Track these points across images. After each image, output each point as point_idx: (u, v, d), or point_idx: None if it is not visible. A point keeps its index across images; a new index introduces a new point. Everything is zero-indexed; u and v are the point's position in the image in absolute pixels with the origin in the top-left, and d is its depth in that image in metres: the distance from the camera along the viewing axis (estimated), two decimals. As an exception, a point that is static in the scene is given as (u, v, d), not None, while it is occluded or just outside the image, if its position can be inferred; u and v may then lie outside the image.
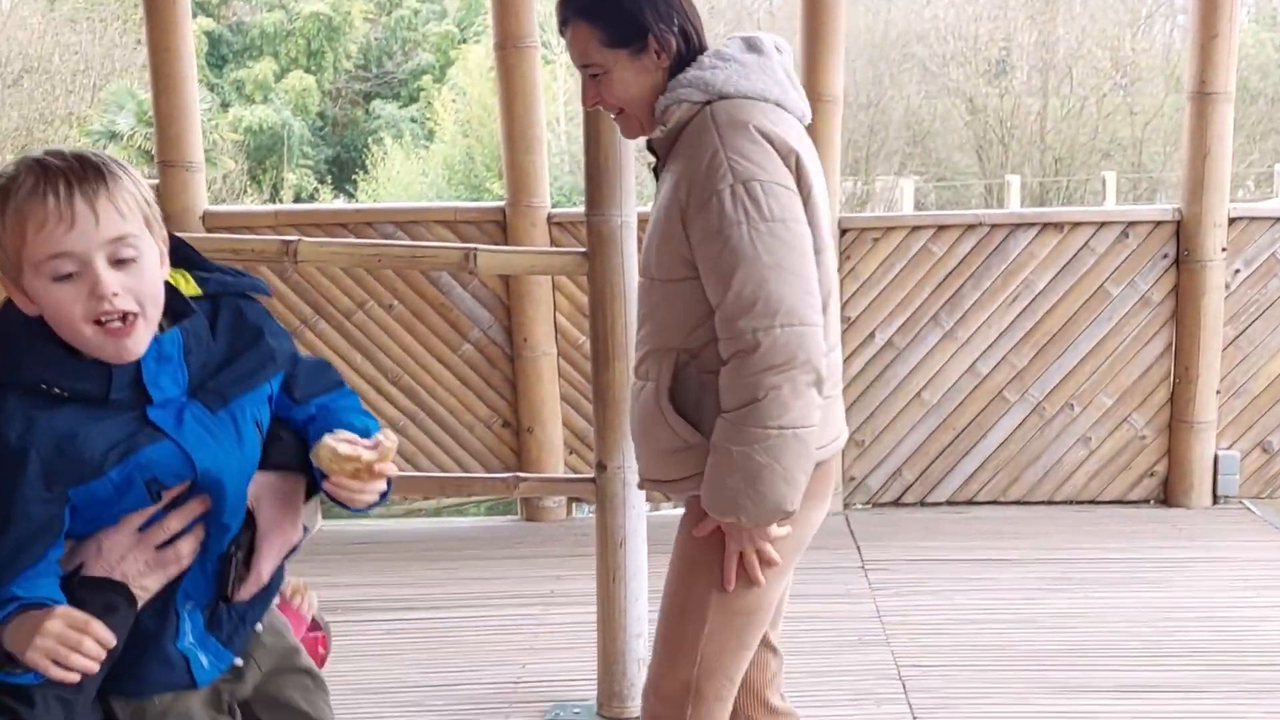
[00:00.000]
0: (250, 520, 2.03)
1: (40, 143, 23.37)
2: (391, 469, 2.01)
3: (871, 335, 5.84)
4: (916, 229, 5.84)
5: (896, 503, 5.98)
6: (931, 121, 26.93)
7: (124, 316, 1.87)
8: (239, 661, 2.10)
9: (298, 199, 25.79)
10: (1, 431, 1.86)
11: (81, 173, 1.84)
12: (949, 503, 5.97)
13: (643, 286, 2.66)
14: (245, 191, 25.44)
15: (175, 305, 1.96)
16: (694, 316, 2.55)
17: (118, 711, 2.01)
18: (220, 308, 2.03)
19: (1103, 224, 5.84)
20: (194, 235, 5.36)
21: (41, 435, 1.86)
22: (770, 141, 2.51)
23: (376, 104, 29.69)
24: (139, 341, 1.89)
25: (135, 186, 1.89)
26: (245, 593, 2.04)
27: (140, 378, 1.91)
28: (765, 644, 2.89)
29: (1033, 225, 5.83)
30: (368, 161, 27.55)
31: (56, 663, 1.80)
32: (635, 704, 4.01)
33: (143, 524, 1.94)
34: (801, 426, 2.48)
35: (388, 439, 2.00)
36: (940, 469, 5.96)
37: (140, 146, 23.77)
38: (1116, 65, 26.75)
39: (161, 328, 1.94)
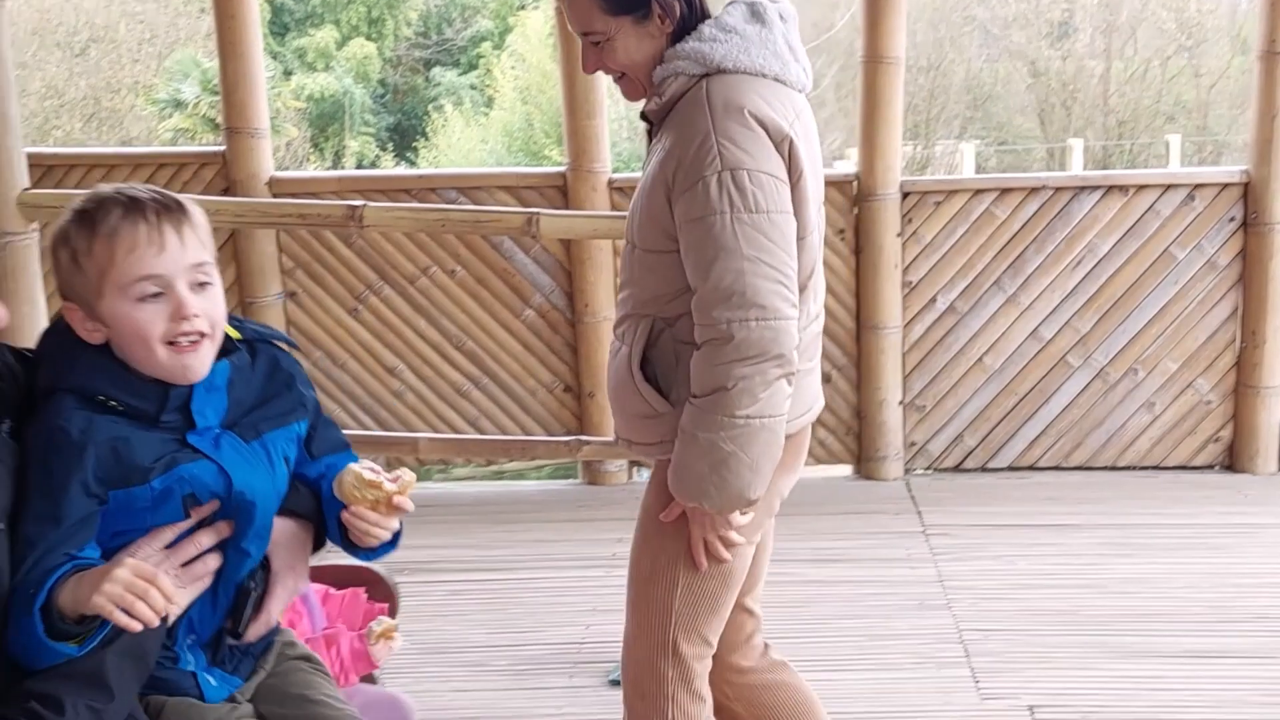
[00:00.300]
0: (265, 562, 2.12)
1: (108, 111, 23.58)
2: (409, 504, 2.08)
3: (933, 300, 5.82)
4: (979, 192, 5.80)
5: (958, 468, 5.97)
6: (993, 85, 26.68)
7: (198, 337, 1.98)
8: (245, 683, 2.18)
9: (359, 166, 25.91)
10: (63, 426, 1.94)
11: (164, 204, 1.97)
12: (1011, 468, 5.95)
13: (626, 251, 2.63)
14: (308, 159, 25.57)
15: (222, 343, 2.07)
16: (673, 288, 2.53)
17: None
18: (257, 352, 2.13)
19: (1168, 186, 5.79)
20: (262, 201, 5.42)
21: (99, 434, 1.94)
22: (765, 127, 2.46)
23: (436, 71, 29.75)
24: (204, 362, 2.01)
25: (205, 222, 2.03)
26: (254, 633, 2.12)
27: (189, 403, 2.01)
28: (741, 606, 2.89)
29: (1097, 188, 5.78)
30: (428, 129, 27.62)
31: (123, 610, 1.84)
32: (698, 665, 4.05)
33: (173, 539, 2.00)
34: (770, 416, 2.48)
35: (406, 474, 2.09)
36: (1002, 434, 5.94)
37: (204, 115, 23.91)
38: (1181, 27, 26.38)
39: None
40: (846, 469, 6.02)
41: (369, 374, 5.94)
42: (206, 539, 2.02)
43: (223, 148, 5.83)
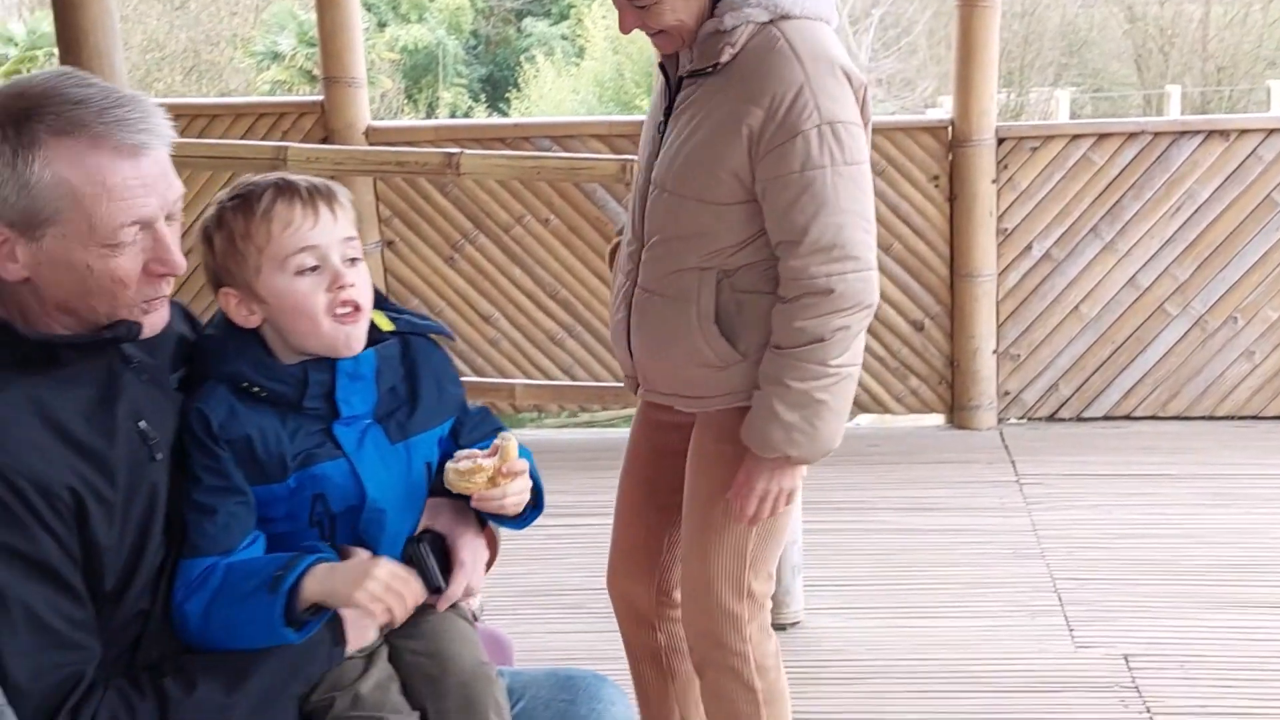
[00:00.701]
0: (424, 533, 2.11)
1: (207, 64, 23.81)
2: (520, 465, 2.06)
3: (1028, 247, 5.77)
4: (1076, 138, 5.74)
5: (1052, 417, 5.93)
6: (1088, 30, 26.25)
7: (353, 308, 2.02)
8: None
9: (452, 117, 26.00)
10: (205, 414, 1.98)
11: (314, 185, 2.03)
12: (1106, 417, 5.90)
13: (660, 200, 2.59)
14: (402, 110, 25.68)
15: (371, 334, 2.08)
16: (739, 238, 2.53)
17: None
18: (409, 344, 2.13)
19: (1271, 131, 5.69)
20: (361, 149, 5.48)
21: (241, 427, 1.98)
22: (848, 77, 2.48)
23: (528, 22, 29.74)
24: (362, 335, 2.03)
25: (351, 203, 2.08)
26: (458, 586, 2.08)
27: (333, 391, 2.02)
28: None
29: (1197, 133, 5.69)
30: (520, 79, 27.64)
31: (383, 607, 1.94)
32: (790, 610, 4.08)
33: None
34: (856, 365, 2.56)
35: (503, 439, 2.06)
36: (1098, 383, 5.89)
37: (301, 67, 24.08)
38: (1285, -31, 25.84)
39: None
40: (939, 418, 6.01)
41: (465, 322, 5.99)
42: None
43: (320, 98, 5.90)
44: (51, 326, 1.88)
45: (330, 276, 2.00)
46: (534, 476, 2.14)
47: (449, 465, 2.05)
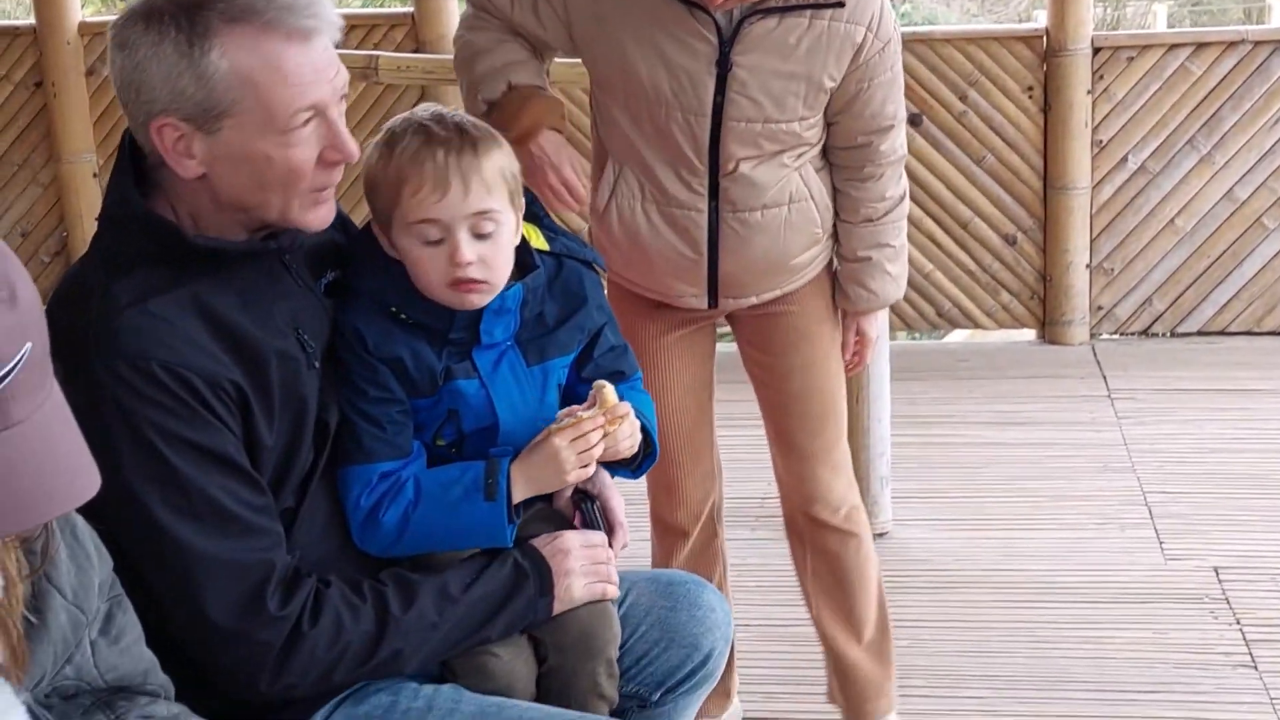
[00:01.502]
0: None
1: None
2: (622, 409, 2.08)
3: (1124, 159, 5.68)
4: (1174, 47, 5.63)
5: (1145, 333, 5.86)
6: (1190, -58, 25.70)
7: (473, 283, 2.01)
8: None
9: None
10: (361, 333, 2.02)
11: (460, 144, 1.98)
12: (1200, 333, 5.82)
13: (747, 130, 2.69)
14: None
15: (523, 258, 2.08)
16: (818, 136, 2.79)
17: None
18: (562, 267, 2.14)
19: (1375, 41, 5.56)
20: (450, 58, 5.46)
21: (394, 348, 2.02)
22: None
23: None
24: (484, 299, 2.04)
25: (505, 159, 2.03)
26: (620, 542, 2.18)
27: (478, 322, 2.05)
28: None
29: (1299, 43, 5.57)
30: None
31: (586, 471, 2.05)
32: (879, 521, 4.08)
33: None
34: None
35: (598, 387, 2.08)
36: (1192, 298, 5.81)
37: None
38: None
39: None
40: (1030, 334, 5.96)
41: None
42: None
43: (411, 9, 5.89)
44: (223, 227, 1.89)
45: (450, 250, 1.99)
46: (646, 422, 2.16)
47: (550, 428, 2.06)
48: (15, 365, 1.23)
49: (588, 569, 2.06)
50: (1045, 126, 5.65)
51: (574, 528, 2.15)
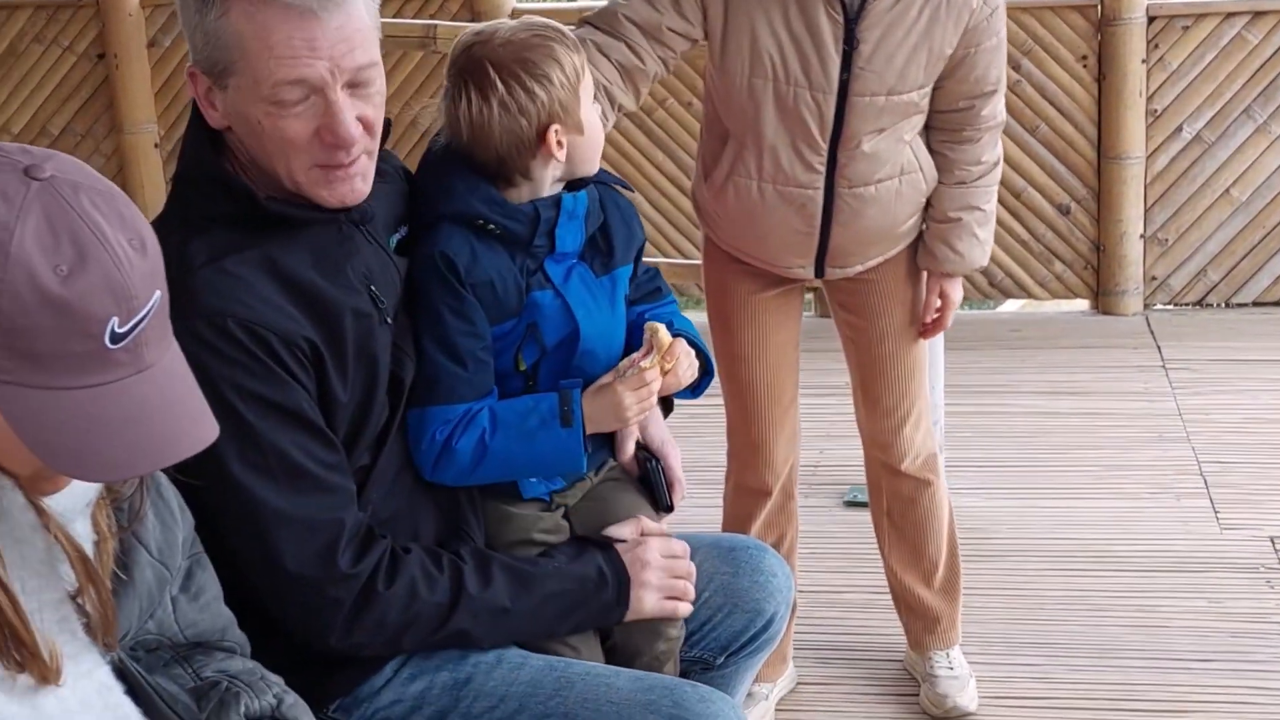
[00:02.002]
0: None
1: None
2: (679, 345, 2.16)
3: (1179, 129, 5.65)
4: (1230, 15, 5.56)
5: (1200, 303, 5.83)
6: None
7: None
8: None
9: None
10: (450, 257, 2.06)
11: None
12: (1256, 304, 5.78)
13: (870, 104, 2.76)
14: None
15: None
16: (925, 107, 2.85)
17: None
18: (602, 192, 2.22)
19: None
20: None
21: (484, 270, 2.06)
22: None
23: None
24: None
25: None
26: (680, 497, 2.28)
27: (554, 229, 2.11)
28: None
29: (1358, 11, 5.52)
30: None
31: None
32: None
33: None
34: None
35: (650, 330, 2.15)
36: (1248, 268, 5.77)
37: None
38: None
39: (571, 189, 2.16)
40: (1084, 304, 5.94)
41: (607, 205, 6.02)
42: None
43: (469, -18, 5.93)
44: (270, 187, 1.92)
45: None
46: (698, 344, 2.23)
47: (613, 378, 2.13)
48: (149, 310, 1.30)
49: (664, 583, 2.11)
50: (1099, 96, 5.62)
51: (641, 485, 2.24)
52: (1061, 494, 4.26)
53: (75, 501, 1.45)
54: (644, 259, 2.33)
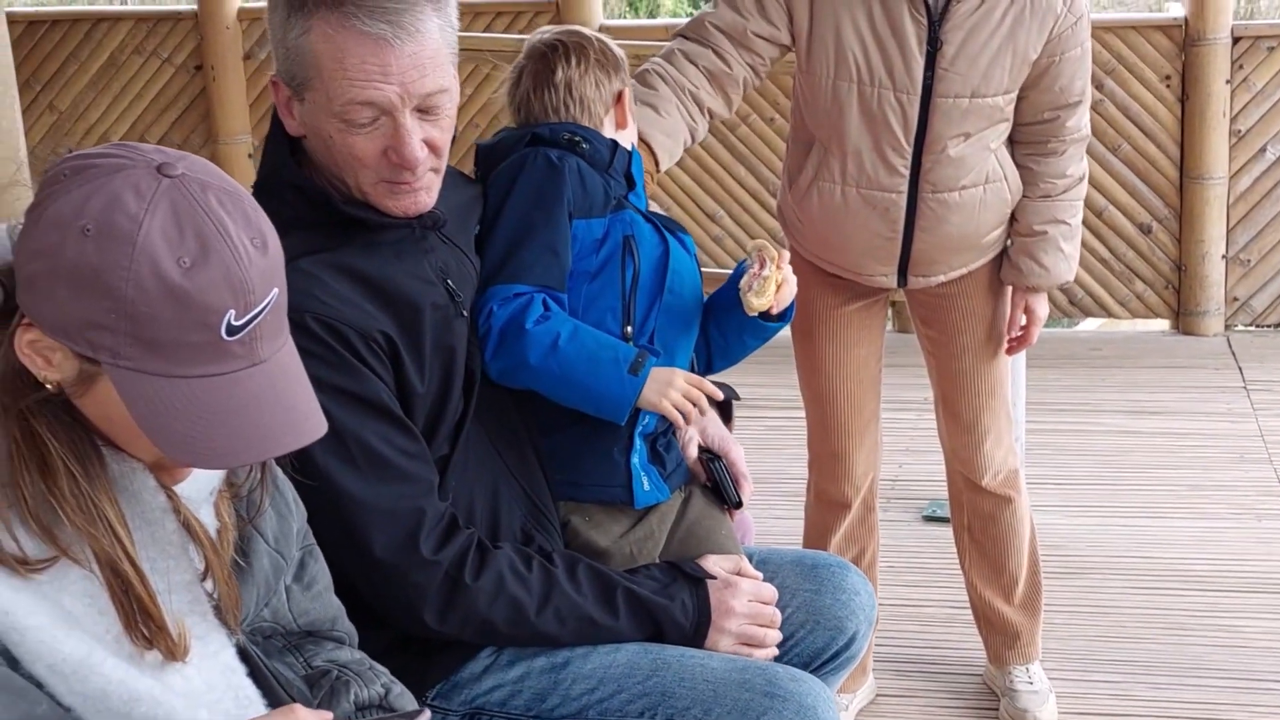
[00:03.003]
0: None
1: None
2: (785, 254, 2.27)
3: (1262, 150, 5.63)
4: (1318, 36, 5.57)
5: (1282, 325, 5.81)
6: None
7: None
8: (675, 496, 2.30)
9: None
10: (546, 154, 2.20)
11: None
12: (1340, 324, 5.76)
13: (954, 106, 2.79)
14: (623, 15, 25.75)
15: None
16: (1011, 113, 2.86)
17: (564, 512, 2.24)
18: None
19: None
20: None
21: (572, 163, 2.20)
22: None
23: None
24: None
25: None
26: (749, 494, 2.33)
27: (630, 168, 2.27)
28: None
29: None
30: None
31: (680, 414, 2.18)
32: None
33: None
34: None
35: (758, 246, 2.25)
36: (1332, 288, 5.75)
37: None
38: None
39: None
40: (1164, 323, 5.94)
41: (690, 218, 6.07)
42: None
43: (556, -2, 6.03)
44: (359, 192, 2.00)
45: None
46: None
47: (748, 296, 2.22)
48: (265, 306, 1.38)
49: (743, 630, 2.14)
50: (1182, 116, 5.62)
51: (706, 487, 2.32)
52: (1142, 513, 4.27)
53: (199, 490, 1.52)
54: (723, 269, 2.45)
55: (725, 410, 2.39)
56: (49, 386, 1.39)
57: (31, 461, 1.38)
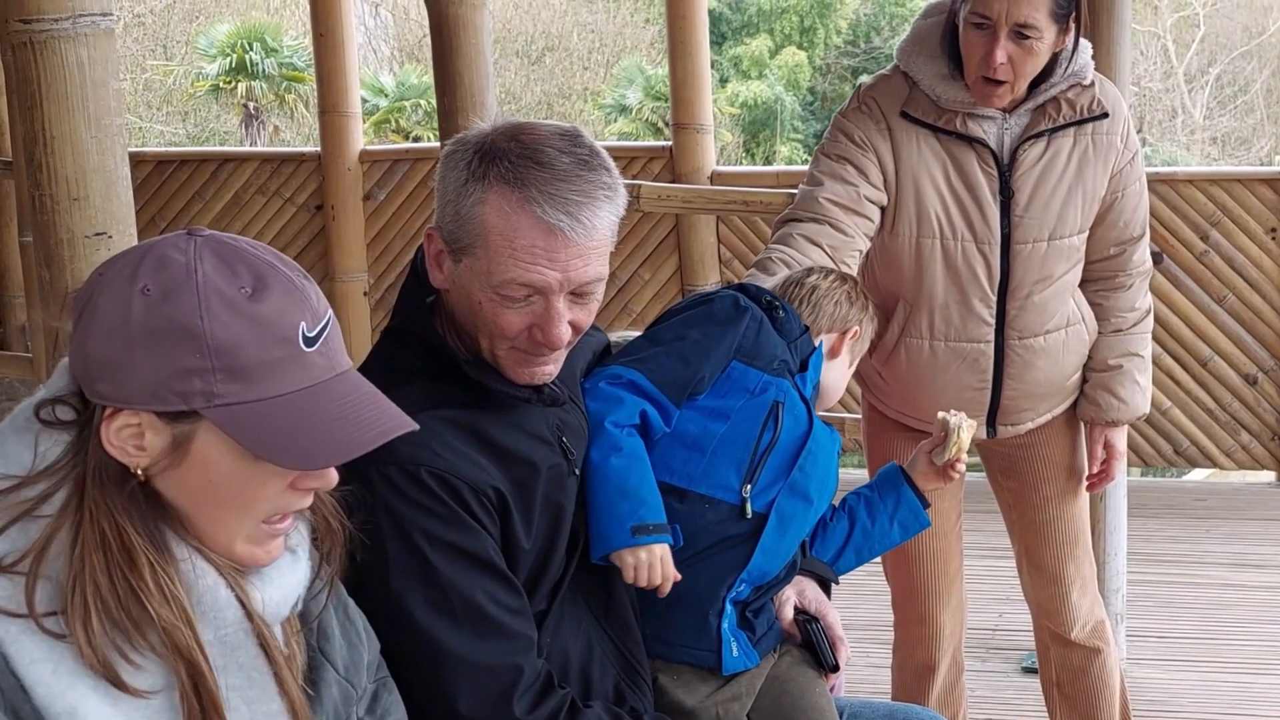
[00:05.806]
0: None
1: (559, 115, 24.69)
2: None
3: (1374, 305, 5.59)
4: None
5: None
6: None
7: None
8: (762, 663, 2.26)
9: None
10: (737, 298, 2.25)
11: None
12: None
13: (1033, 251, 2.85)
14: (740, 162, 26.08)
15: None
16: (1080, 258, 2.91)
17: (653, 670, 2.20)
18: None
19: None
20: (707, 189, 5.69)
21: (757, 314, 2.25)
22: None
23: (864, 79, 29.84)
24: None
25: None
26: (845, 657, 2.31)
27: (809, 358, 2.33)
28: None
29: None
30: (855, 134, 27.67)
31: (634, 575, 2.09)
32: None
33: None
34: None
35: (947, 423, 2.41)
36: None
37: (646, 119, 24.70)
38: None
39: None
40: (1270, 475, 5.86)
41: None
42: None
43: (669, 143, 6.18)
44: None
45: None
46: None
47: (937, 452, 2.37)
48: (329, 319, 1.47)
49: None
50: (1288, 268, 5.60)
51: (800, 646, 2.28)
52: (1245, 669, 4.19)
53: (278, 606, 1.52)
54: (828, 412, 2.46)
55: (825, 587, 2.37)
56: (139, 475, 1.42)
57: (121, 556, 1.39)
